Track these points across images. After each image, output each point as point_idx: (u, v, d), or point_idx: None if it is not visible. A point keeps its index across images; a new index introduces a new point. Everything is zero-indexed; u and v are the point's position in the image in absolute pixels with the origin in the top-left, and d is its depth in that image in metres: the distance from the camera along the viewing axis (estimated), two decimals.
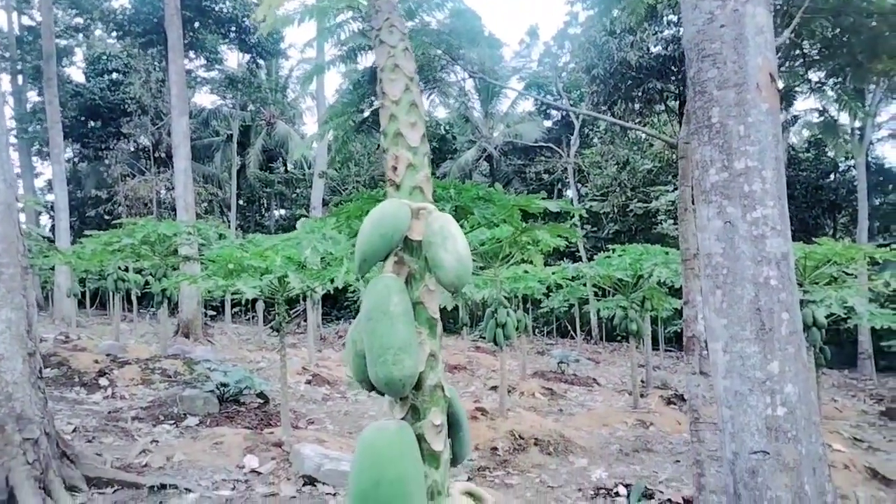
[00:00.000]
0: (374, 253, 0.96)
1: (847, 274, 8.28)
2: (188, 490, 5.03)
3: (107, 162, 25.14)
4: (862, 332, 16.97)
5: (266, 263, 5.92)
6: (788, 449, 2.55)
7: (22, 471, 4.24)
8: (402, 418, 0.97)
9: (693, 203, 3.06)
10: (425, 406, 0.97)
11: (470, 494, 0.97)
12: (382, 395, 1.04)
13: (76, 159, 31.54)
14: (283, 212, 35.29)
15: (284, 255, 5.96)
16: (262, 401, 8.10)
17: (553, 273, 10.60)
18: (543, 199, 4.48)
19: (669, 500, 5.76)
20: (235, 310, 27.39)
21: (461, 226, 5.68)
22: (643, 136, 23.64)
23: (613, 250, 9.81)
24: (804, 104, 21.08)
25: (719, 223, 2.72)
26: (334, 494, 5.11)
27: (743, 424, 2.63)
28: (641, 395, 10.53)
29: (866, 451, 7.89)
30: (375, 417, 8.34)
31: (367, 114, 5.80)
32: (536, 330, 25.95)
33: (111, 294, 18.14)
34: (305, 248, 5.93)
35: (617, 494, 5.96)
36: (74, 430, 6.27)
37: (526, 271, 10.73)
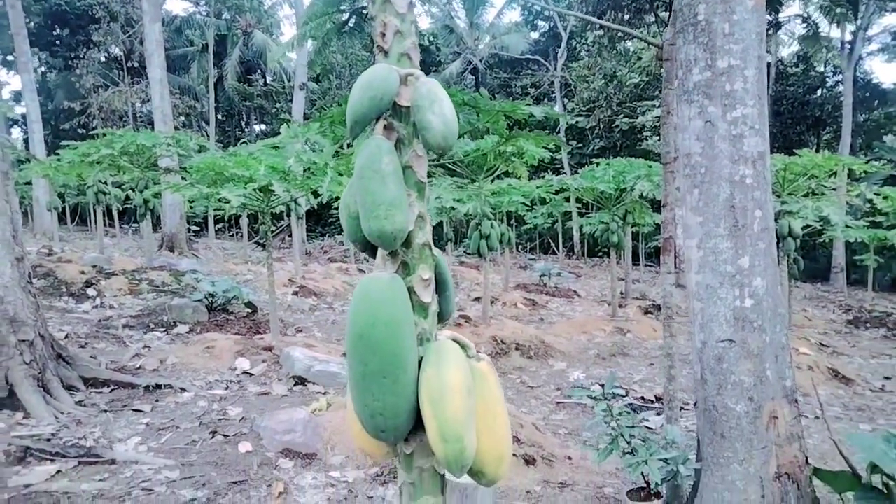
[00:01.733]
0: (364, 115, 1.00)
1: (825, 188, 8.42)
2: (183, 389, 5.23)
3: (77, 72, 24.16)
4: (836, 246, 17.41)
5: (250, 172, 5.90)
6: (753, 337, 2.71)
7: (20, 370, 4.37)
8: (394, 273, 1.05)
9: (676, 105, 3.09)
10: (414, 262, 1.05)
11: (455, 342, 1.06)
12: (374, 255, 1.11)
13: (44, 69, 30.28)
14: (263, 126, 34.54)
15: (268, 163, 5.93)
16: (250, 310, 8.26)
17: (537, 187, 10.64)
18: (528, 105, 4.47)
19: (643, 397, 6.10)
20: (219, 226, 27.29)
21: None
22: (631, 48, 23.13)
23: (598, 164, 9.84)
24: (790, 10, 20.61)
25: (700, 123, 2.77)
26: (324, 393, 5.33)
27: (712, 315, 2.78)
28: (620, 306, 10.87)
29: (830, 355, 8.31)
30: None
31: (347, 16, 5.61)
32: (520, 246, 26.27)
33: (92, 208, 17.97)
34: (289, 158, 5.90)
35: (592, 396, 6.28)
36: (66, 337, 6.39)
37: (511, 185, 10.76)
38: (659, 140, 20.46)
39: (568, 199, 15.87)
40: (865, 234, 11.67)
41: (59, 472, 3.66)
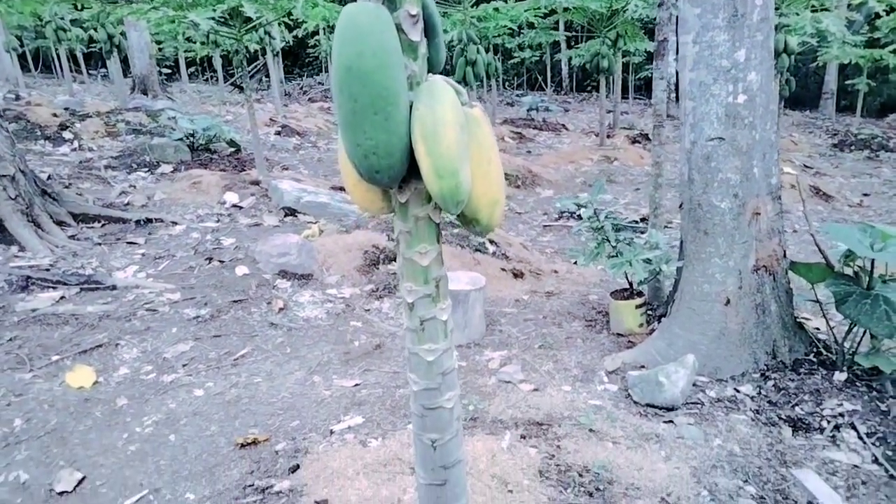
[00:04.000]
0: None
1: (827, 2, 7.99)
2: (174, 223, 5.26)
3: None
4: (829, 71, 16.97)
5: None
6: (743, 134, 2.70)
7: (7, 205, 4.34)
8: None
9: None
10: None
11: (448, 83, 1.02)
12: None
13: None
14: None
15: None
16: (233, 149, 8.10)
17: (525, 10, 10.03)
18: None
19: (628, 218, 6.24)
20: (192, 70, 26.03)
21: None
22: None
23: None
24: None
25: None
26: (315, 222, 5.39)
27: (703, 114, 2.74)
28: (608, 136, 10.78)
29: (813, 175, 8.43)
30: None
31: None
32: (507, 83, 25.44)
33: (54, 51, 16.91)
34: None
35: (579, 217, 6.41)
36: (49, 178, 6.29)
37: (496, 9, 10.14)
38: None
39: (556, 27, 15.11)
40: (860, 54, 11.33)
41: (62, 297, 3.77)
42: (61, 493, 2.21)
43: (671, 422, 2.54)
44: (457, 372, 1.23)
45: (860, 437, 2.39)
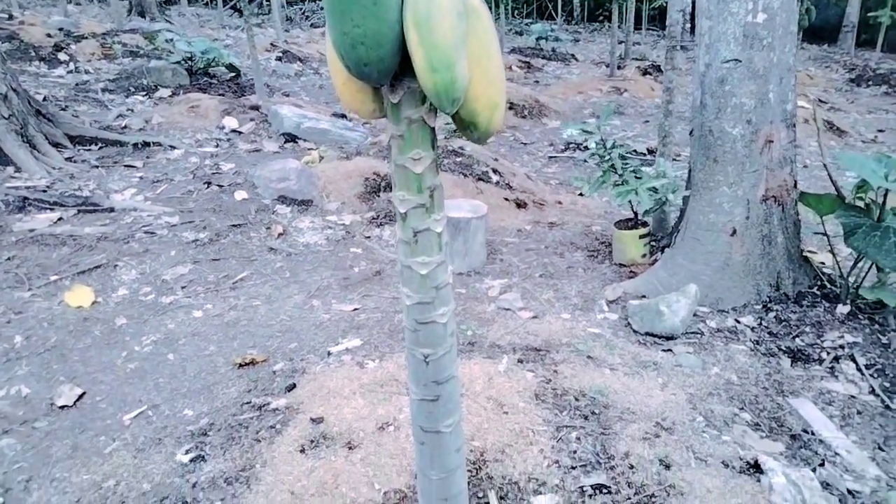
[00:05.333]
0: None
1: None
2: (173, 147, 5.17)
3: None
4: (851, 2, 16.31)
5: None
6: (761, 56, 2.57)
7: (0, 125, 4.24)
8: None
9: None
10: None
11: None
12: None
13: None
14: None
15: None
16: (232, 73, 7.89)
17: None
18: None
19: (635, 150, 6.10)
20: None
21: None
22: None
23: None
24: None
25: None
26: (316, 149, 5.29)
27: (720, 34, 2.61)
28: (619, 67, 10.47)
29: (828, 110, 8.20)
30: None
31: None
32: (516, 11, 24.58)
33: None
34: None
35: (586, 149, 6.28)
36: (45, 100, 6.15)
37: None
38: None
39: None
40: None
41: (60, 219, 3.73)
42: (62, 407, 2.23)
43: (670, 350, 2.53)
44: (451, 287, 1.19)
45: (859, 369, 2.38)
